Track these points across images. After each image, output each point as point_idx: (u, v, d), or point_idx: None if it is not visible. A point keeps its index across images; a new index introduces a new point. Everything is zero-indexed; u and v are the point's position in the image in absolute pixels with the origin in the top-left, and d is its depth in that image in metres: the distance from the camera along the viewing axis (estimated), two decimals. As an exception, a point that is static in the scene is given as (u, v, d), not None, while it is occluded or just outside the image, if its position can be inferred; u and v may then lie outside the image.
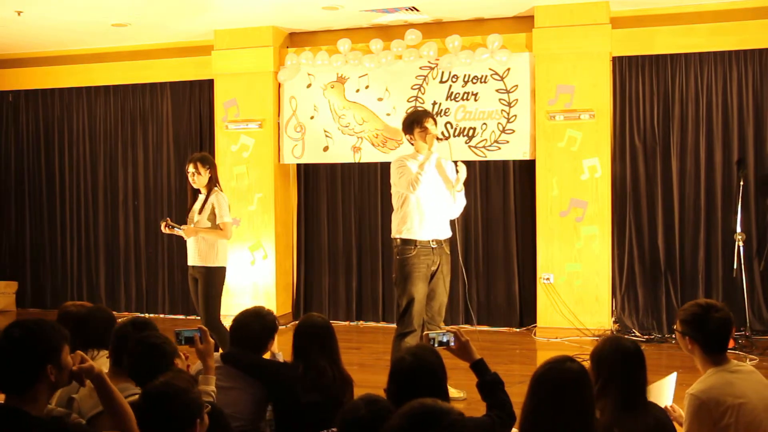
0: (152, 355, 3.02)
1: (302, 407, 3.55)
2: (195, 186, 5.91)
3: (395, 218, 5.40)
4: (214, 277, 5.83)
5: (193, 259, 5.88)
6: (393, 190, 5.47)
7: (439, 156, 5.36)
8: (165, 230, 6.01)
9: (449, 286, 5.52)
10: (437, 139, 5.29)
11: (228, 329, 5.75)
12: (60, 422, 2.16)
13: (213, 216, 5.82)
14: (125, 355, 3.08)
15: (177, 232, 5.94)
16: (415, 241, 5.26)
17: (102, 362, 3.28)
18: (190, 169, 5.87)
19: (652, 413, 2.83)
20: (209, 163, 5.93)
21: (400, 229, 5.32)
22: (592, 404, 2.49)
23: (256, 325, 3.76)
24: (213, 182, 5.90)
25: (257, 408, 3.70)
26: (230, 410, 3.49)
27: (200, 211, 5.85)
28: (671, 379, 3.42)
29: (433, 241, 5.29)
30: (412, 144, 5.45)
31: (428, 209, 5.31)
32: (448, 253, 5.41)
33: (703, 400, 2.85)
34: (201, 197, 5.92)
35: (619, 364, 2.79)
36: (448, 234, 5.43)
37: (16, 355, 2.43)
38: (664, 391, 3.30)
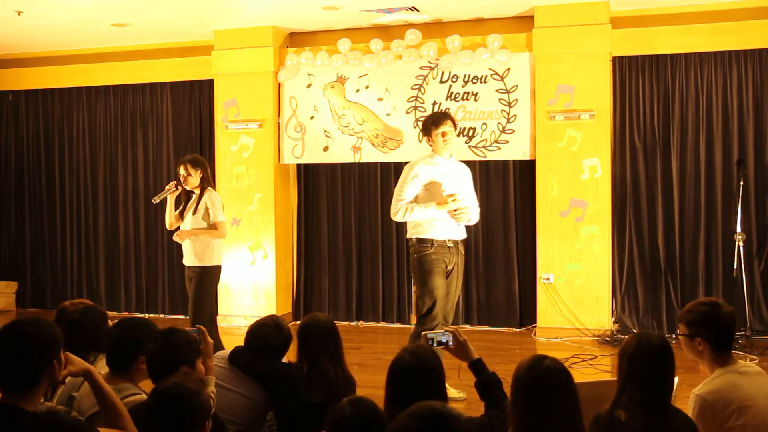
0: (177, 354, 3.02)
1: (305, 408, 3.55)
2: (187, 187, 5.93)
3: (411, 220, 5.33)
4: (208, 276, 5.83)
5: (188, 260, 5.90)
6: None
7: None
8: (156, 200, 6.13)
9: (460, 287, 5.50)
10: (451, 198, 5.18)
11: (219, 335, 5.79)
12: (54, 418, 2.17)
13: (207, 216, 5.82)
14: (147, 348, 3.08)
15: (164, 194, 6.01)
16: (432, 240, 5.22)
17: (101, 365, 3.28)
18: (181, 171, 5.89)
19: (678, 416, 2.74)
20: (200, 164, 5.92)
21: (416, 230, 5.27)
22: (576, 401, 2.46)
23: (277, 338, 3.77)
24: (205, 182, 5.90)
25: (256, 416, 3.69)
26: (229, 414, 3.49)
27: (194, 212, 5.85)
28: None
29: (449, 240, 5.26)
30: (430, 145, 5.40)
31: (444, 212, 5.25)
32: (463, 253, 5.39)
33: (709, 402, 2.83)
34: (194, 198, 5.94)
35: (640, 359, 2.71)
36: (464, 235, 5.40)
37: (29, 350, 2.43)
38: None
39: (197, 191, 5.90)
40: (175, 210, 6.03)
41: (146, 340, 3.13)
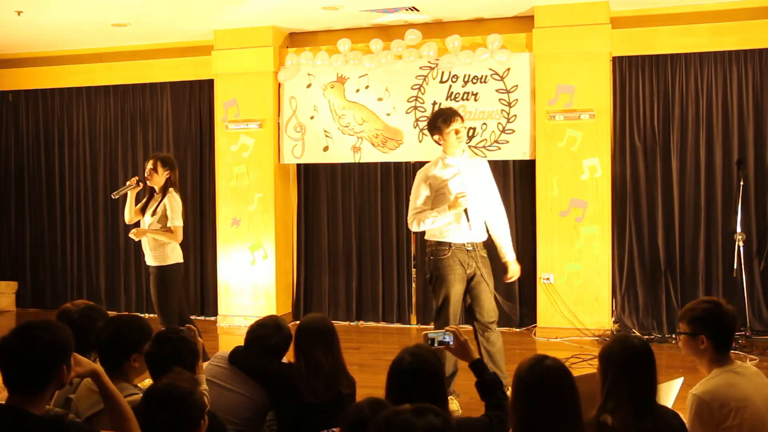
0: (179, 353, 3.03)
1: (305, 408, 3.55)
2: (150, 184, 5.92)
3: (427, 229, 5.22)
4: (166, 276, 5.82)
5: (148, 259, 5.92)
6: None
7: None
8: (115, 195, 6.22)
9: (493, 289, 5.30)
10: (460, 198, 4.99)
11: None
12: (60, 422, 2.17)
13: (165, 218, 5.82)
14: (147, 346, 3.08)
15: (125, 189, 6.05)
16: (450, 243, 5.11)
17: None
18: (149, 165, 5.88)
19: (666, 416, 2.76)
20: (170, 164, 5.90)
21: (434, 233, 5.16)
22: (577, 400, 2.47)
23: (277, 338, 3.77)
24: (170, 184, 5.87)
25: (256, 416, 3.69)
26: (229, 414, 3.49)
27: (153, 213, 5.86)
28: (677, 383, 3.38)
29: (468, 243, 5.13)
30: (440, 144, 5.20)
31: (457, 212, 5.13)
32: (485, 256, 5.24)
33: (706, 401, 2.83)
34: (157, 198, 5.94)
35: (627, 363, 2.71)
36: (484, 237, 5.27)
37: (41, 355, 2.43)
38: (665, 394, 3.26)
39: (159, 191, 5.89)
40: (136, 204, 6.03)
41: (137, 337, 3.11)
